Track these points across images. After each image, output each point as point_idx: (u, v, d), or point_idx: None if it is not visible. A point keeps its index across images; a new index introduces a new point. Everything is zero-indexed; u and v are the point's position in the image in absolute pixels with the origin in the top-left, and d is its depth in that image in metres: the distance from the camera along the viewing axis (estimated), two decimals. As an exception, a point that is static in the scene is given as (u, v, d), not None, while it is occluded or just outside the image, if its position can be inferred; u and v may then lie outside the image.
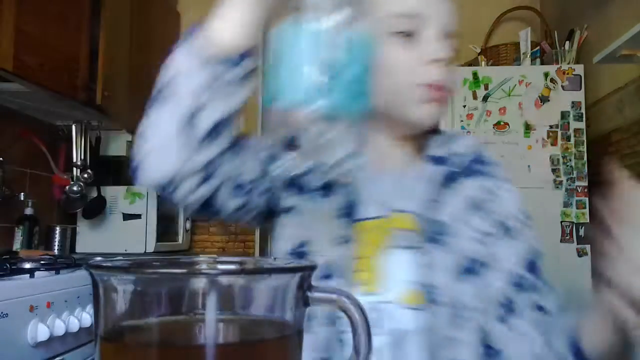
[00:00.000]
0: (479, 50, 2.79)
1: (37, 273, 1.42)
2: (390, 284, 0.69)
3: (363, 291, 0.68)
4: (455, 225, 0.71)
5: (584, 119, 2.29)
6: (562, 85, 2.32)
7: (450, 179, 0.75)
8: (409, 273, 0.69)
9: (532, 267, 0.74)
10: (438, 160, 0.77)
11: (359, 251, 0.70)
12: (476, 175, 0.77)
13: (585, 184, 2.25)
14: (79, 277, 1.53)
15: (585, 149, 2.28)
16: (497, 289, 0.69)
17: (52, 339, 1.35)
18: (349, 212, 0.72)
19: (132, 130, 2.68)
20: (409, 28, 0.70)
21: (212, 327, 0.31)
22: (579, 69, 2.32)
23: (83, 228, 2.60)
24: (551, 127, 2.30)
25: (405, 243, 0.71)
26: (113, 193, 2.61)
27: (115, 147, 2.64)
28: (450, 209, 0.72)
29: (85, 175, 2.49)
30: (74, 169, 2.47)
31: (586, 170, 2.27)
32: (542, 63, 2.46)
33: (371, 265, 0.70)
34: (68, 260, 1.68)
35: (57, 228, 2.45)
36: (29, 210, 2.23)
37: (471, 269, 0.69)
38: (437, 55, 0.71)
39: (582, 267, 2.22)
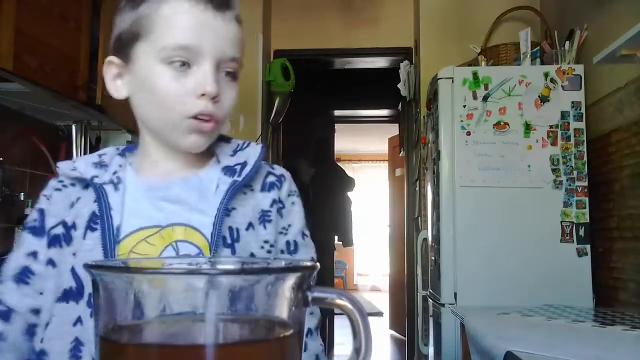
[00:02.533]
0: (479, 50, 2.79)
1: (37, 273, 1.42)
2: None
3: None
4: (242, 235, 0.78)
5: (584, 119, 2.29)
6: (562, 85, 2.32)
7: (239, 190, 0.80)
8: None
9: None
10: (228, 171, 0.83)
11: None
12: (265, 186, 0.84)
13: (585, 184, 2.25)
14: (79, 277, 1.52)
15: (585, 149, 2.28)
16: None
17: (52, 339, 1.34)
18: (109, 231, 0.76)
19: (132, 130, 2.68)
20: (183, 59, 0.73)
21: (212, 327, 0.31)
22: (579, 69, 2.32)
23: (83, 228, 2.60)
24: (551, 127, 2.30)
25: (185, 253, 0.76)
26: (113, 193, 2.61)
27: (115, 147, 2.64)
28: (238, 219, 0.79)
29: (85, 175, 2.49)
30: (74, 169, 2.47)
31: (586, 170, 2.26)
32: (542, 63, 2.46)
33: None
34: (68, 260, 1.68)
35: (57, 228, 2.45)
36: (29, 210, 2.24)
37: None
38: (205, 89, 0.73)
39: (582, 267, 2.22)
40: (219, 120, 0.78)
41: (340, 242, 5.23)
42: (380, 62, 3.81)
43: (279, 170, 0.89)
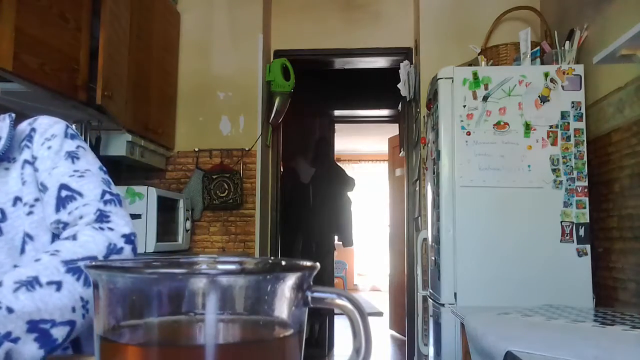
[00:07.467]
0: (479, 50, 2.79)
1: (37, 273, 1.42)
2: None
3: None
4: (8, 214, 0.83)
5: (584, 119, 2.29)
6: (562, 85, 2.31)
7: None
8: None
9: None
10: None
11: None
12: (22, 151, 0.87)
13: (585, 184, 2.25)
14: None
15: (585, 149, 2.28)
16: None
17: (52, 339, 1.34)
18: None
19: (132, 130, 2.68)
20: None
21: (212, 327, 0.31)
22: (579, 69, 2.32)
23: (83, 228, 2.59)
24: (551, 127, 2.30)
25: None
26: (113, 193, 2.61)
27: (115, 147, 2.64)
28: (0, 199, 0.84)
29: (85, 175, 2.48)
30: (74, 169, 2.46)
31: (586, 170, 2.26)
32: (542, 63, 2.46)
33: None
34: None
35: (57, 228, 2.44)
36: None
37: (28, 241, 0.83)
38: None
39: (582, 267, 2.22)
40: None
41: (340, 242, 5.23)
42: (380, 62, 3.81)
43: (33, 125, 0.92)
